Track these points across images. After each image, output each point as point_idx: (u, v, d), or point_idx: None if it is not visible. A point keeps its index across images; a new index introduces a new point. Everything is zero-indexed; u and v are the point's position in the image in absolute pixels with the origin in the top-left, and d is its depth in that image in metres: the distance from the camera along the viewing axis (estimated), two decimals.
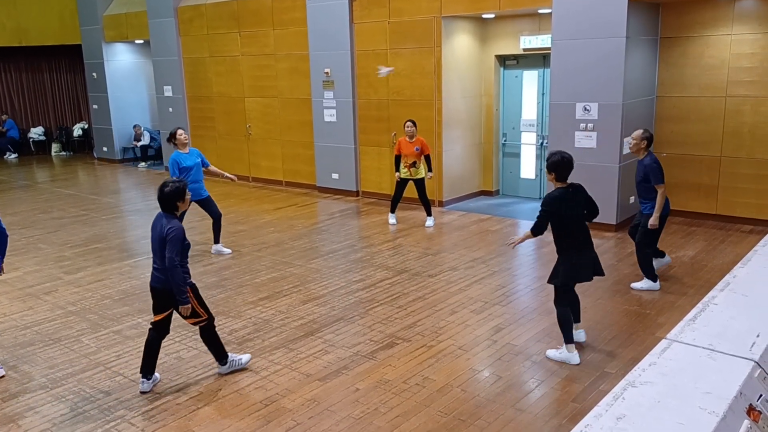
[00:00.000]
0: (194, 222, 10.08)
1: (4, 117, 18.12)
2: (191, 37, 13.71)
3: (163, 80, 14.46)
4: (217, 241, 8.32)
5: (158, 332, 4.86)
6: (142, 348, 5.56)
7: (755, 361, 1.92)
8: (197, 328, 4.95)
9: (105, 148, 16.87)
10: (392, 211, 9.61)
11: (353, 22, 10.90)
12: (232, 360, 5.06)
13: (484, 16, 10.26)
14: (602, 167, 8.58)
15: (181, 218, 4.97)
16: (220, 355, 5.01)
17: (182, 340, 5.67)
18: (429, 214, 9.43)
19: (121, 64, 16.40)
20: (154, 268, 4.78)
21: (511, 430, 4.21)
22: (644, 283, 6.66)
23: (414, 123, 9.13)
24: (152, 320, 4.87)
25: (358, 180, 11.49)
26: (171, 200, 4.68)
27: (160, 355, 5.38)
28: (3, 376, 5.11)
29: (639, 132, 6.47)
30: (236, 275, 7.43)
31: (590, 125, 8.58)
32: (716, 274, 6.80)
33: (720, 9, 8.54)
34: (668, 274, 7.02)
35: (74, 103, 19.45)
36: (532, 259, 7.91)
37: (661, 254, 7.03)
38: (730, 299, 2.41)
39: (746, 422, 1.71)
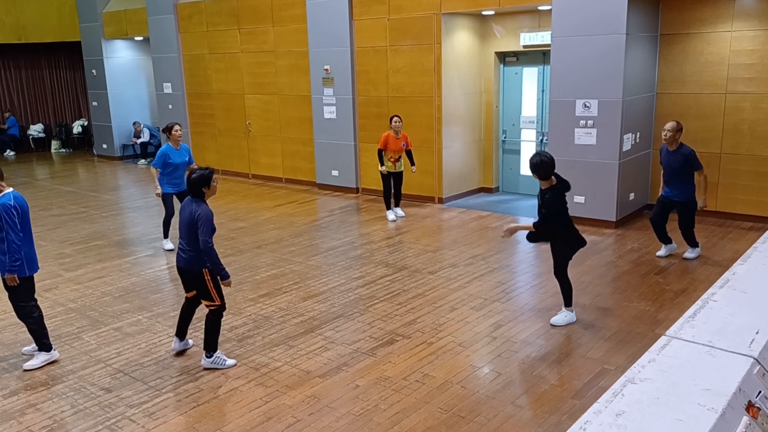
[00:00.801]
0: None
1: (6, 114, 18.14)
2: (191, 33, 13.69)
3: (163, 77, 14.45)
4: (166, 236, 8.52)
5: (190, 304, 5.26)
6: (143, 345, 5.59)
7: (754, 358, 1.93)
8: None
9: (104, 145, 16.87)
10: (388, 208, 9.69)
11: (353, 18, 10.89)
12: (218, 357, 5.09)
13: (484, 12, 10.24)
14: (602, 164, 8.59)
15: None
16: (211, 345, 5.06)
17: None
18: (397, 205, 9.77)
19: (121, 61, 16.38)
20: (179, 249, 5.06)
21: (510, 426, 4.22)
22: (694, 251, 7.32)
23: (401, 119, 9.34)
24: (185, 295, 5.27)
25: (357, 177, 11.49)
26: (198, 186, 4.92)
27: (161, 351, 5.43)
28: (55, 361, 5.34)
29: (673, 124, 6.89)
30: (236, 272, 7.43)
31: (590, 122, 8.58)
32: (716, 271, 6.81)
33: (720, 6, 8.53)
34: (668, 271, 7.03)
35: (74, 100, 19.43)
36: (532, 256, 7.92)
37: (669, 240, 7.43)
38: (729, 296, 2.41)
39: (745, 419, 1.72)
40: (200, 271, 4.97)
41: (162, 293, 6.89)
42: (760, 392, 1.83)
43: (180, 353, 5.36)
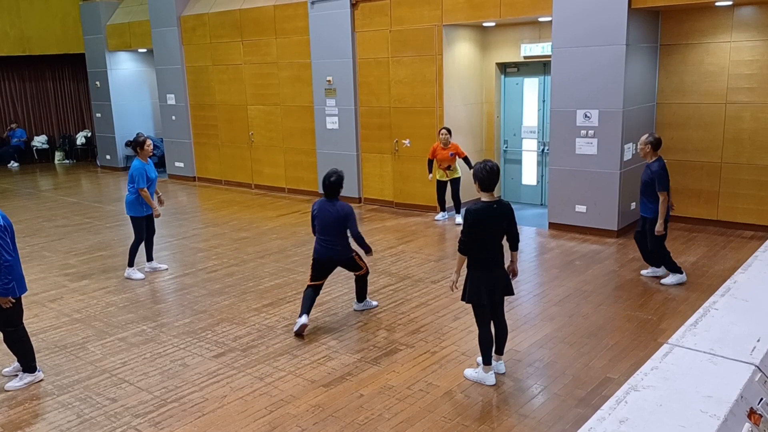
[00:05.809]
0: (197, 229, 10.13)
1: (14, 125, 18.24)
2: (194, 45, 13.79)
3: (166, 88, 14.53)
4: (150, 258, 8.00)
5: (317, 290, 6.06)
6: (148, 354, 5.61)
7: (756, 366, 1.96)
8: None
9: (108, 156, 16.94)
10: (442, 210, 10.13)
11: (355, 30, 10.97)
12: (367, 302, 6.45)
13: (485, 24, 10.32)
14: (603, 174, 8.62)
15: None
16: (363, 295, 6.41)
17: (186, 347, 5.71)
18: (458, 212, 9.96)
19: (124, 72, 16.48)
20: (328, 245, 5.96)
21: None
22: (672, 278, 6.90)
23: (449, 130, 9.60)
24: (311, 283, 6.04)
25: (360, 187, 11.54)
26: (338, 187, 5.88)
27: (166, 361, 5.45)
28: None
29: (644, 137, 6.89)
30: (240, 282, 7.46)
31: (591, 132, 8.63)
32: (717, 280, 6.83)
33: (719, 16, 8.60)
34: None
35: (77, 112, 19.53)
36: (534, 264, 7.94)
37: (658, 264, 7.15)
38: (730, 304, 2.44)
39: (747, 425, 1.74)
40: (351, 257, 6.12)
41: (166, 303, 6.92)
42: (761, 399, 1.86)
43: (302, 328, 5.82)
